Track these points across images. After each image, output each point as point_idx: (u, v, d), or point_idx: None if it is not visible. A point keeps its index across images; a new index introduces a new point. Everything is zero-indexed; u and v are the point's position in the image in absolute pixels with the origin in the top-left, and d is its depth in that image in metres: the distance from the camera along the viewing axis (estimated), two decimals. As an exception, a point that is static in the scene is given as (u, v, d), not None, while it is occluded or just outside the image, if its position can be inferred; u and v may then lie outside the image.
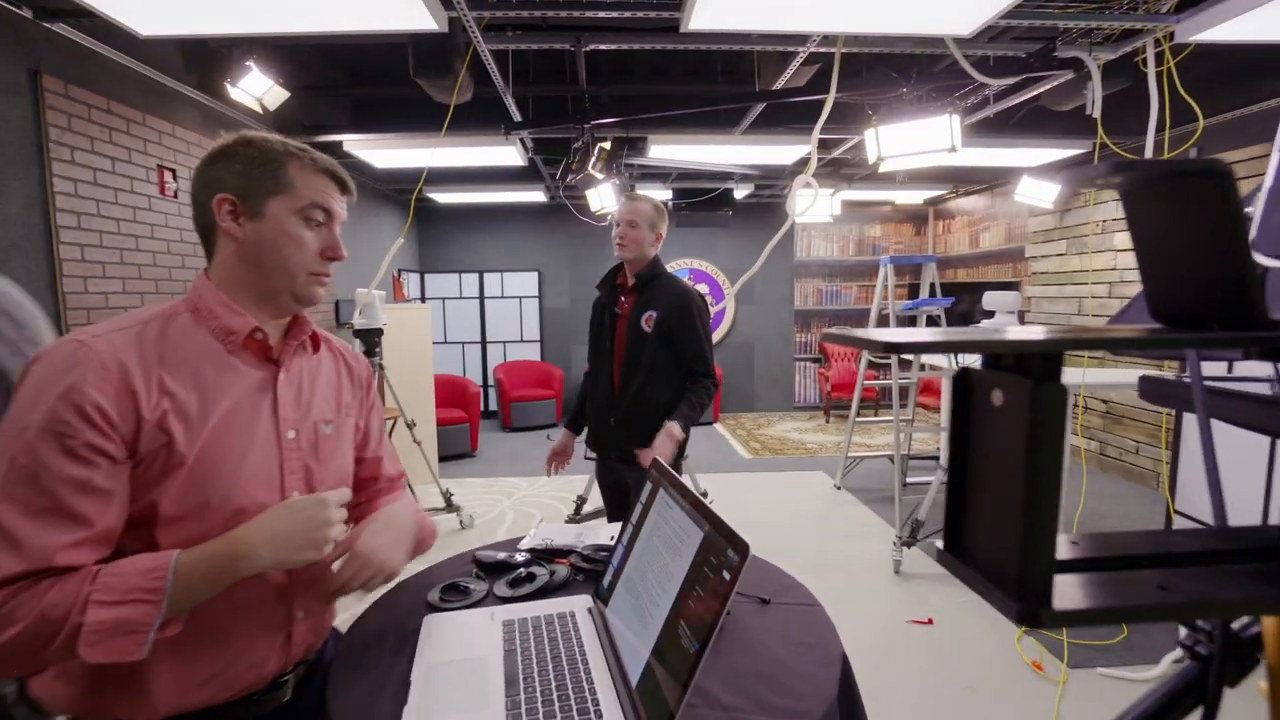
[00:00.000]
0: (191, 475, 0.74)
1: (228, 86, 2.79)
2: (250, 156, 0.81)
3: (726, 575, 0.64)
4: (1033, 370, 0.29)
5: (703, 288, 7.25)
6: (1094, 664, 2.24)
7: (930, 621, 2.57)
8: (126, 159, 2.67)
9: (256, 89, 2.78)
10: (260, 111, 2.88)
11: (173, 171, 2.93)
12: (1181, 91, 2.14)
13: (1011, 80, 2.88)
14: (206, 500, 0.74)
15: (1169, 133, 3.24)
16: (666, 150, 4.01)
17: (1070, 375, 2.97)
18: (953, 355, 3.67)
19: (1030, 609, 0.28)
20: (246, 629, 0.79)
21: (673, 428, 1.84)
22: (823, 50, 2.72)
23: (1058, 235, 4.94)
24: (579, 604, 0.95)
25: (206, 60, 3.15)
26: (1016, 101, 3.31)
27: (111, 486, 0.70)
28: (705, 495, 3.57)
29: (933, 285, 3.79)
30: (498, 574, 1.08)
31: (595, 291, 2.13)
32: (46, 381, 0.69)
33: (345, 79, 4.16)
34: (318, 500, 0.77)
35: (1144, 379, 0.66)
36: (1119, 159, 0.30)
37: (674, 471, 0.88)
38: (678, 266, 7.09)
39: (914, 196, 6.65)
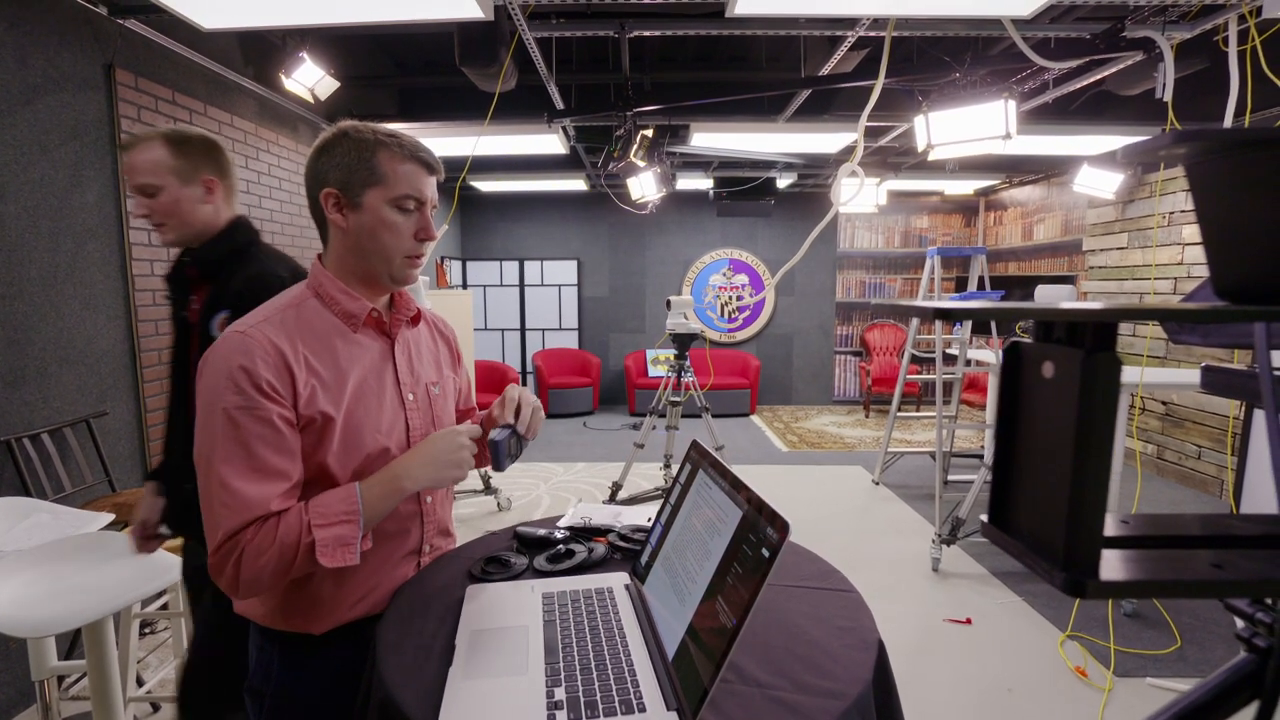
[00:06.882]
0: (343, 437, 0.89)
1: (282, 78, 2.89)
2: (346, 149, 0.89)
3: (766, 553, 0.65)
4: (1085, 341, 0.29)
5: (742, 278, 7.22)
6: (1143, 673, 2.16)
7: (969, 621, 2.52)
8: (191, 147, 2.79)
9: (309, 80, 2.87)
10: (312, 102, 2.97)
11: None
12: (1268, 71, 2.00)
13: (1074, 63, 2.75)
14: (358, 455, 0.90)
15: (1249, 117, 3.03)
16: (709, 138, 3.98)
17: (1128, 374, 2.84)
18: (1000, 352, 3.55)
19: (1076, 578, 0.28)
20: (391, 559, 0.98)
21: None
22: (872, 34, 2.65)
23: (1118, 228, 4.72)
24: (616, 580, 0.97)
25: (262, 52, 3.27)
26: (1078, 86, 3.16)
27: (295, 446, 0.85)
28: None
29: (981, 278, 3.67)
30: (537, 549, 1.11)
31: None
32: (227, 366, 0.82)
33: (393, 69, 4.25)
34: (452, 431, 0.93)
35: (1207, 368, 0.64)
36: (1183, 129, 0.29)
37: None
38: (717, 257, 7.05)
39: (964, 187, 6.43)
